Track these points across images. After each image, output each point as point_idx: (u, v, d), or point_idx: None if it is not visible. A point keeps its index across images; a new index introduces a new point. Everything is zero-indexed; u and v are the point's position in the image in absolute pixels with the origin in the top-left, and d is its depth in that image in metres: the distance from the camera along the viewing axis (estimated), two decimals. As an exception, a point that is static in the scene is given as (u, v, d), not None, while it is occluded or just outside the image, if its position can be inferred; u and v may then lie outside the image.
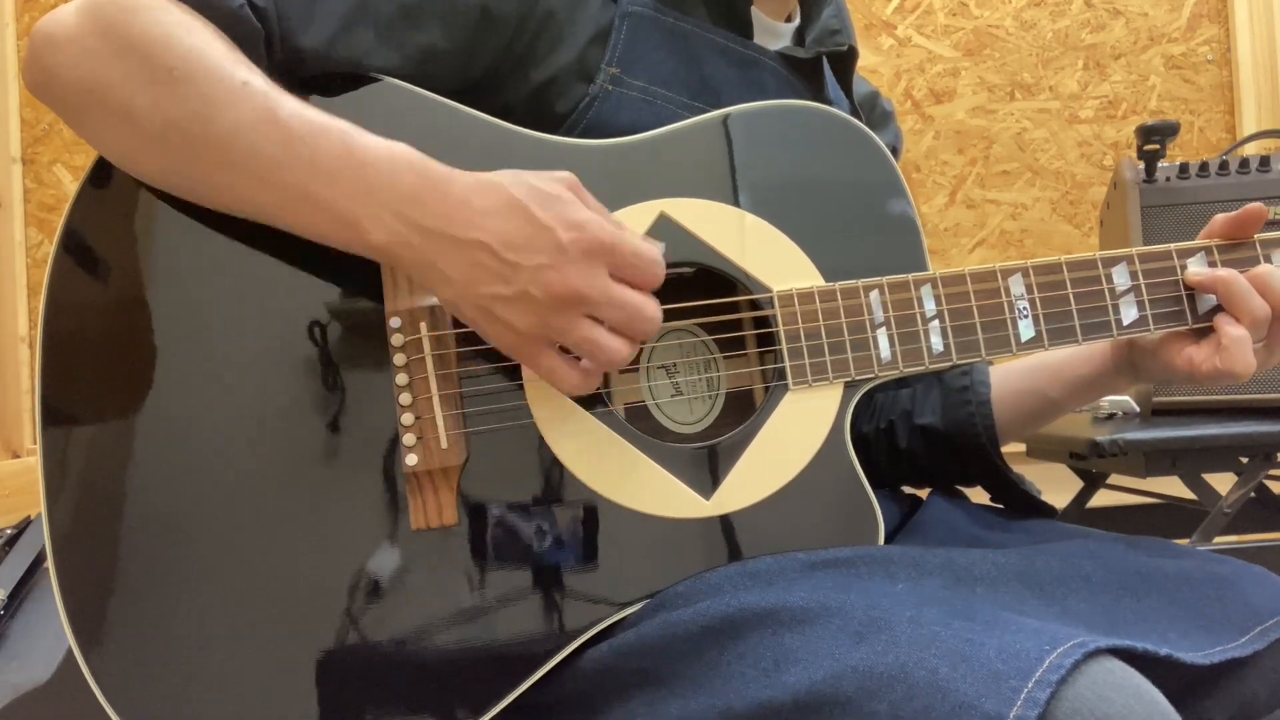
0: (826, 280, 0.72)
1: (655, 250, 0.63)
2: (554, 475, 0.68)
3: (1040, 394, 0.86)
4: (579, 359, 0.64)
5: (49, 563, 0.66)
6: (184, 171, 0.65)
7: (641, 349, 0.77)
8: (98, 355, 0.68)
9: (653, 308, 0.63)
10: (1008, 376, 0.88)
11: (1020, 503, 0.88)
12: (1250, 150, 1.69)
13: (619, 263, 0.62)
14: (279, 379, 0.67)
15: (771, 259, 0.72)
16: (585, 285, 0.60)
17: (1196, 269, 0.73)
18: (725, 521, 0.69)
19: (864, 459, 0.89)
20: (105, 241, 0.68)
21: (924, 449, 0.89)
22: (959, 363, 0.72)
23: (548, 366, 0.63)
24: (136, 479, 0.66)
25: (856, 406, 0.90)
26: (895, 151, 0.99)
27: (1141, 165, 1.42)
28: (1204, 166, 1.41)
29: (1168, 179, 1.41)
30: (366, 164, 0.61)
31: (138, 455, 0.67)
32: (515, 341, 0.63)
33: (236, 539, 0.66)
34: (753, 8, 0.82)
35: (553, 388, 0.66)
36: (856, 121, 0.75)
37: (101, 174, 0.69)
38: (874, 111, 0.98)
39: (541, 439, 0.68)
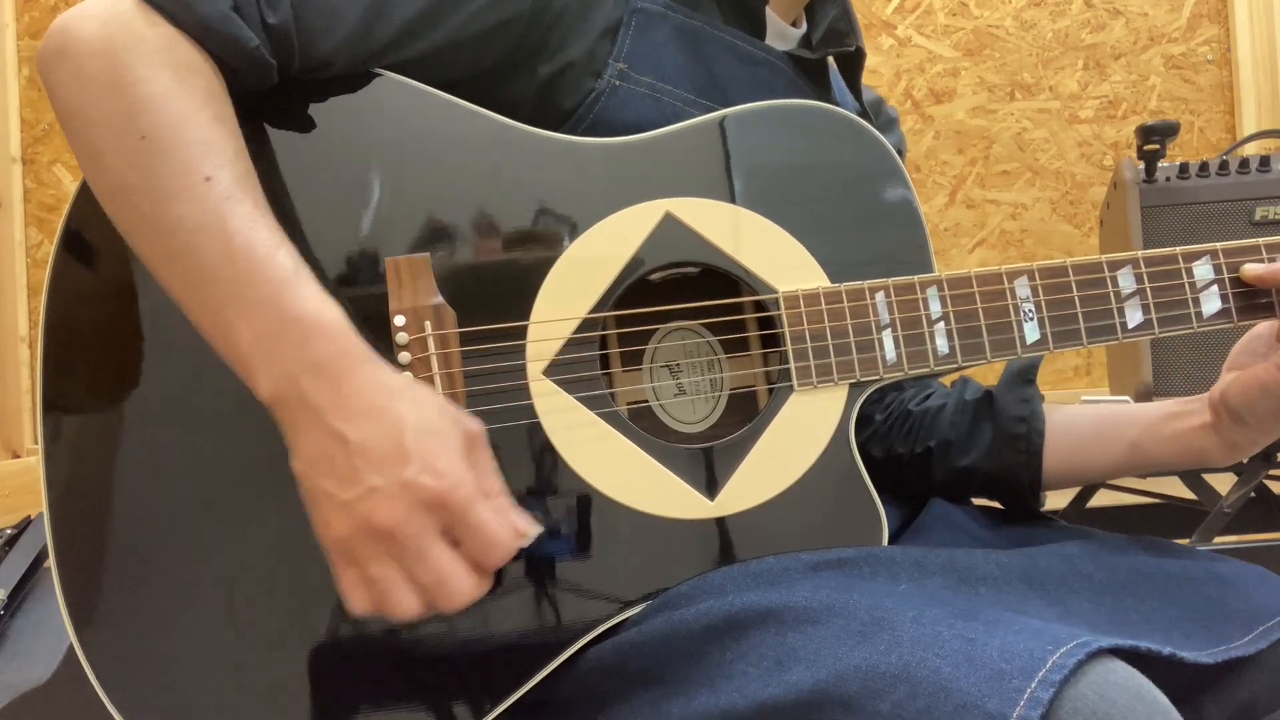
0: (832, 278, 0.72)
1: (505, 538, 0.58)
2: (558, 475, 0.68)
3: (1124, 440, 0.79)
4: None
5: (50, 559, 0.66)
6: (129, 238, 0.63)
7: (643, 349, 0.78)
8: (98, 354, 0.68)
9: (467, 584, 0.58)
10: (1072, 424, 0.82)
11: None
12: (1250, 150, 1.69)
13: (457, 527, 0.58)
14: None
15: (776, 258, 0.72)
16: (403, 530, 0.56)
17: (1253, 266, 0.72)
18: (729, 522, 0.69)
19: (895, 475, 0.88)
20: (105, 241, 0.68)
21: (957, 485, 0.85)
22: (964, 365, 0.72)
23: (341, 577, 0.59)
24: (138, 476, 0.66)
25: (891, 422, 0.90)
26: (899, 155, 0.99)
27: (1141, 165, 1.42)
28: (1204, 166, 1.41)
29: (1168, 179, 1.42)
30: (289, 319, 0.58)
31: (139, 453, 0.67)
32: (325, 542, 0.59)
33: (238, 536, 0.66)
34: (767, 8, 0.82)
35: (558, 390, 0.66)
36: (860, 119, 0.75)
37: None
38: (879, 118, 0.99)
39: (546, 438, 0.68)
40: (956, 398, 0.87)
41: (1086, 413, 0.82)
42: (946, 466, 0.85)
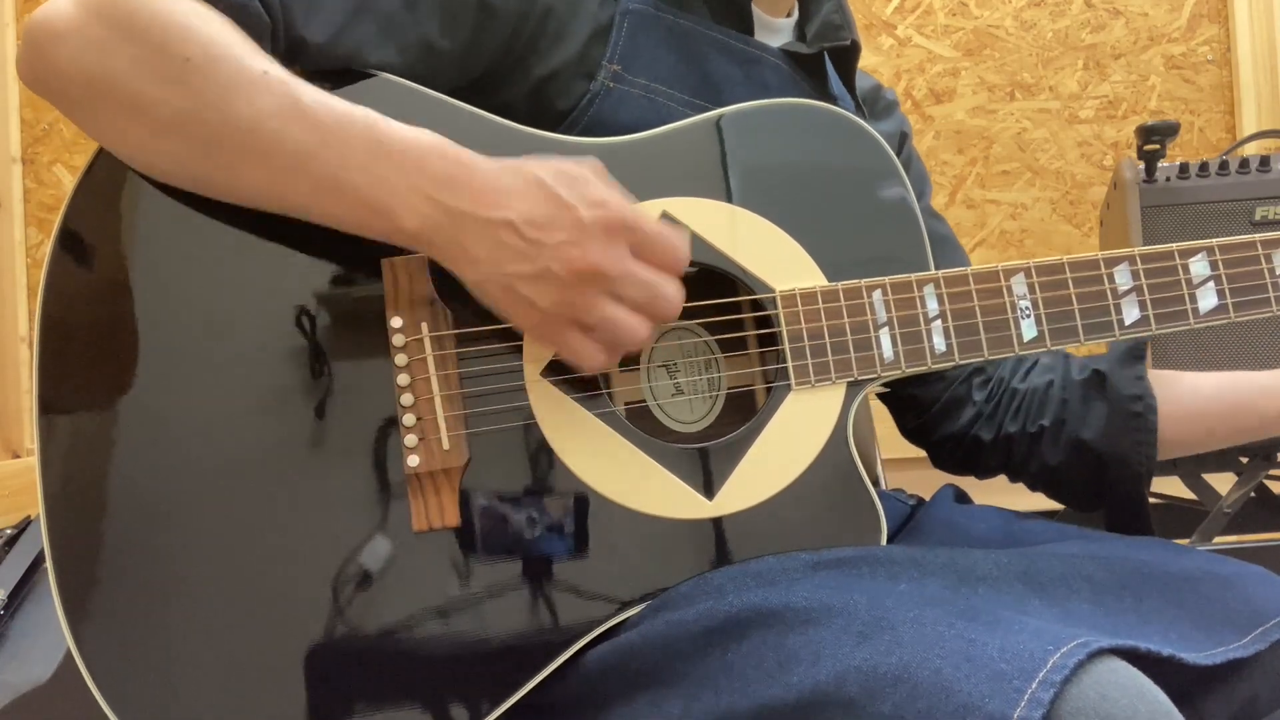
0: (829, 276, 0.72)
1: (678, 234, 0.64)
2: (556, 476, 0.68)
3: (1255, 411, 0.81)
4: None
5: (47, 560, 0.66)
6: (202, 164, 0.64)
7: (640, 349, 0.77)
8: (94, 354, 0.67)
9: (673, 288, 0.64)
10: (1196, 394, 0.83)
11: (1136, 530, 0.84)
12: (1250, 150, 1.69)
13: (640, 241, 0.63)
14: (279, 379, 0.67)
15: (773, 257, 0.72)
16: (606, 261, 0.61)
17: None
18: (727, 522, 0.69)
19: (1005, 457, 0.88)
20: (102, 240, 0.68)
21: (1073, 464, 0.84)
22: (961, 363, 0.72)
23: (571, 345, 0.64)
24: (135, 477, 0.66)
25: (996, 401, 0.89)
26: (905, 137, 0.99)
27: (1141, 165, 1.42)
28: (1204, 166, 1.41)
29: (1168, 179, 1.41)
30: (395, 151, 0.62)
31: (137, 453, 0.66)
32: (538, 320, 0.63)
33: (236, 538, 0.66)
34: (753, 4, 0.82)
35: (555, 391, 0.66)
36: (855, 117, 0.75)
37: (98, 173, 0.68)
38: (877, 104, 0.98)
39: (544, 439, 0.68)
40: (1063, 374, 0.86)
41: (1209, 382, 0.83)
42: (1063, 445, 0.84)
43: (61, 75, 0.63)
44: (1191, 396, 0.82)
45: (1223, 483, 1.34)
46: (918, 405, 0.93)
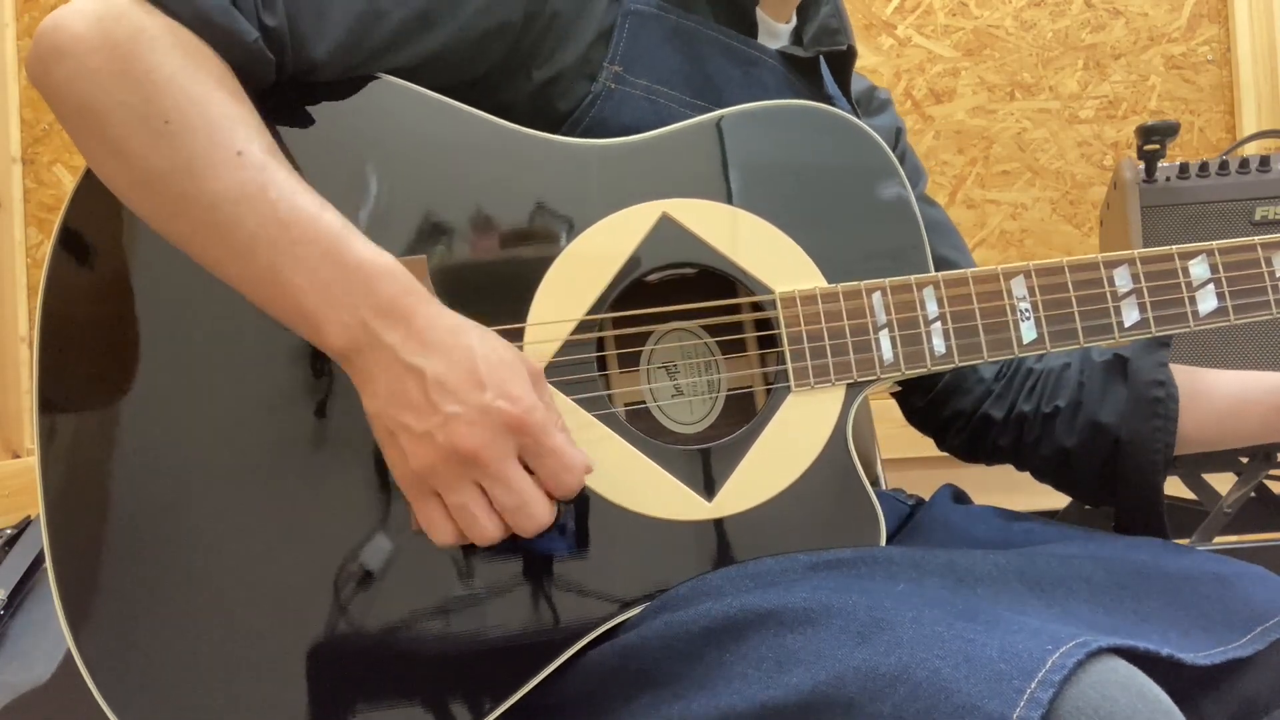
0: (828, 279, 0.72)
1: (580, 461, 0.62)
2: (556, 476, 0.68)
3: (1275, 409, 0.79)
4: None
5: (47, 560, 0.66)
6: (165, 224, 0.63)
7: (640, 350, 0.77)
8: (94, 354, 0.68)
9: (543, 509, 0.61)
10: (1216, 389, 0.81)
11: (1148, 529, 0.82)
12: (1250, 150, 1.69)
13: (533, 450, 0.60)
14: (277, 378, 0.67)
15: (773, 259, 0.72)
16: (486, 453, 0.59)
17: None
18: (727, 523, 0.69)
19: (1017, 436, 0.86)
20: (102, 241, 0.68)
21: (1088, 447, 0.82)
22: (961, 365, 0.72)
23: (425, 511, 0.62)
24: (135, 477, 0.66)
25: (1009, 379, 0.88)
26: (900, 132, 0.99)
27: (1141, 165, 1.42)
28: (1204, 166, 1.41)
29: (1168, 179, 1.41)
30: (350, 263, 0.60)
31: (136, 453, 0.67)
32: (405, 476, 0.61)
33: (234, 538, 0.66)
34: (758, 8, 0.82)
35: (555, 392, 0.66)
36: (854, 119, 0.75)
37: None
38: (871, 104, 0.98)
39: (543, 440, 0.68)
40: (1083, 356, 0.85)
41: (1231, 379, 0.82)
42: (1079, 427, 0.83)
43: (56, 92, 0.63)
44: (1211, 392, 0.81)
45: (1223, 483, 1.33)
46: (926, 382, 0.91)
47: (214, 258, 0.62)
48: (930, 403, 0.92)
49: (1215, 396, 0.81)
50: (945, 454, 0.95)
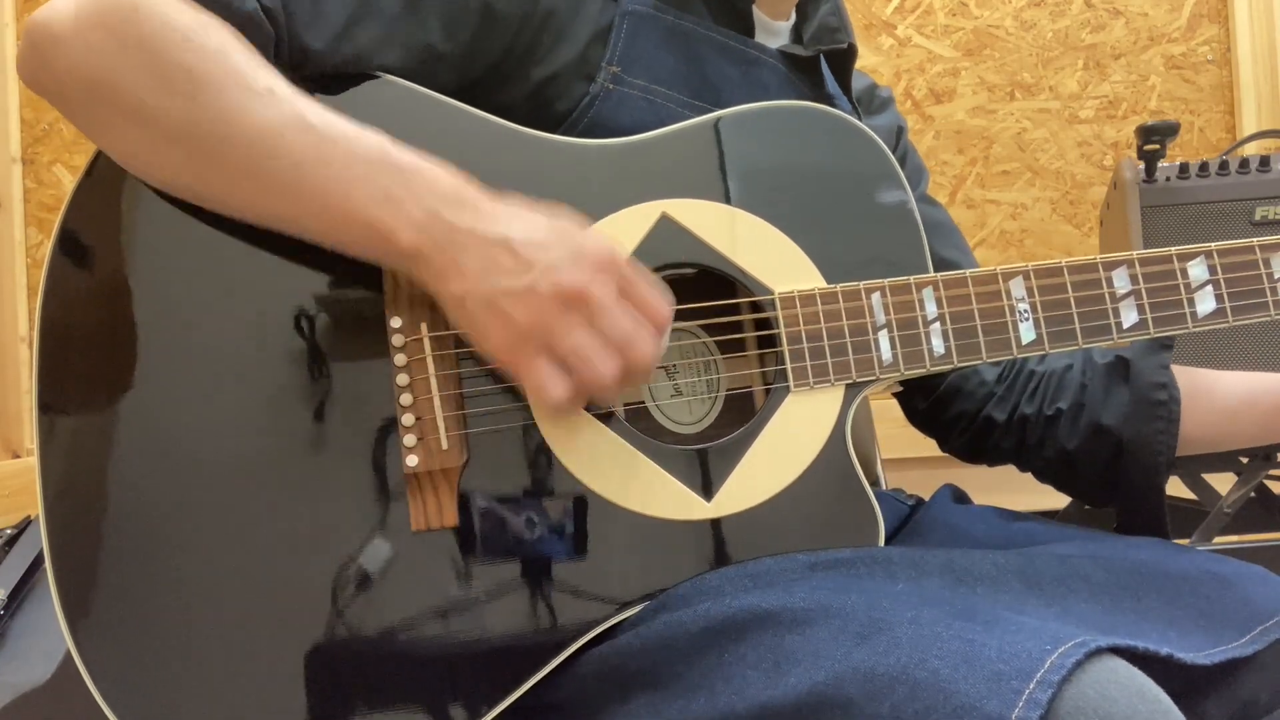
0: (827, 279, 0.72)
1: (666, 294, 0.64)
2: (554, 477, 0.68)
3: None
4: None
5: (46, 562, 0.66)
6: (201, 176, 0.64)
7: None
8: (93, 355, 0.67)
9: (651, 342, 0.63)
10: (1219, 390, 0.81)
11: (1150, 530, 0.82)
12: (1250, 150, 1.69)
13: (630, 287, 0.63)
14: (278, 379, 0.67)
15: (772, 259, 0.72)
16: (592, 289, 0.61)
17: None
18: (726, 523, 0.69)
19: (1020, 439, 0.86)
20: (101, 241, 0.68)
21: (1090, 449, 0.82)
22: (959, 365, 0.72)
23: (536, 370, 0.62)
24: (135, 478, 0.66)
25: (1011, 381, 0.88)
26: (901, 131, 0.99)
27: (1141, 165, 1.42)
28: (1204, 166, 1.41)
29: (1168, 179, 1.41)
30: (406, 167, 0.62)
31: (136, 455, 0.67)
32: (512, 339, 0.61)
33: (234, 538, 0.66)
34: (754, 6, 0.82)
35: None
36: (854, 120, 0.75)
37: (98, 173, 0.68)
38: (873, 102, 0.98)
39: (542, 440, 0.68)
40: (1085, 357, 0.85)
41: (1234, 380, 0.82)
42: (1081, 429, 0.83)
43: (61, 79, 0.63)
44: (1212, 393, 0.81)
45: (1223, 483, 1.33)
46: (928, 384, 0.91)
47: (256, 199, 0.63)
48: (932, 405, 0.92)
49: (1216, 397, 0.81)
50: (945, 454, 0.95)
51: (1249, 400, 0.81)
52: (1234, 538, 1.37)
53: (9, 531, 1.17)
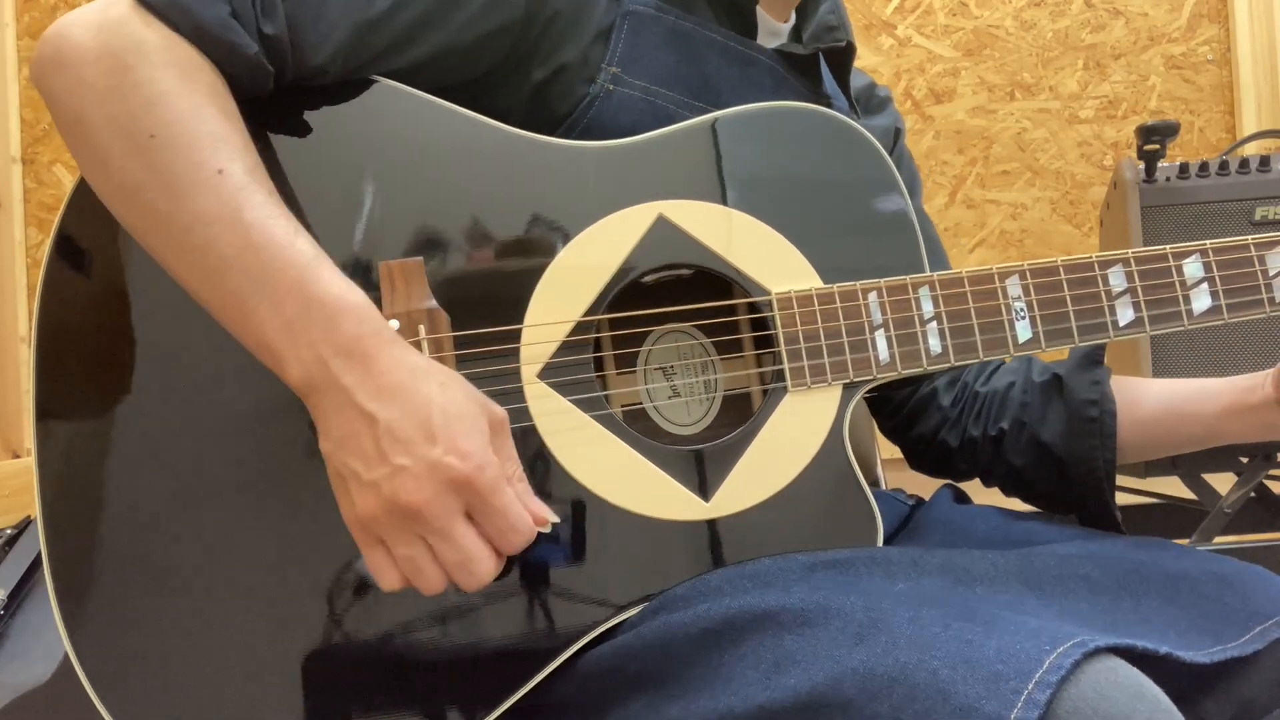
0: (824, 280, 0.72)
1: (527, 522, 0.60)
2: (553, 478, 0.68)
3: (1196, 418, 0.80)
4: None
5: (44, 563, 0.66)
6: (142, 238, 0.63)
7: (637, 351, 0.78)
8: (91, 357, 0.68)
9: (488, 565, 0.59)
10: (1141, 400, 0.82)
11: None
12: (1250, 150, 1.69)
13: (479, 508, 0.59)
14: (274, 381, 0.67)
15: (769, 260, 0.72)
16: (428, 509, 0.57)
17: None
18: (724, 524, 0.69)
19: (972, 462, 0.88)
20: (99, 242, 0.68)
21: (1035, 466, 0.84)
22: (957, 364, 0.72)
23: (370, 556, 0.60)
24: (132, 480, 0.66)
25: (960, 406, 0.89)
26: (899, 132, 0.99)
27: (1141, 165, 1.42)
28: (1204, 166, 1.41)
29: (1168, 179, 1.41)
30: (315, 299, 0.59)
31: (133, 457, 0.67)
32: (351, 521, 0.60)
33: (232, 542, 0.66)
34: (758, 8, 0.82)
35: (553, 393, 0.66)
36: (851, 121, 0.75)
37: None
38: (871, 102, 0.98)
39: (540, 441, 0.68)
40: (1024, 377, 0.86)
41: (1156, 389, 0.83)
42: (1023, 447, 0.84)
43: (55, 100, 0.63)
44: (1137, 403, 0.82)
45: (1223, 483, 1.33)
46: (890, 406, 0.94)
47: (187, 277, 0.62)
48: (896, 426, 0.95)
49: (1142, 407, 0.82)
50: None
51: (1167, 408, 0.82)
52: (1234, 538, 1.37)
53: (9, 531, 1.17)
